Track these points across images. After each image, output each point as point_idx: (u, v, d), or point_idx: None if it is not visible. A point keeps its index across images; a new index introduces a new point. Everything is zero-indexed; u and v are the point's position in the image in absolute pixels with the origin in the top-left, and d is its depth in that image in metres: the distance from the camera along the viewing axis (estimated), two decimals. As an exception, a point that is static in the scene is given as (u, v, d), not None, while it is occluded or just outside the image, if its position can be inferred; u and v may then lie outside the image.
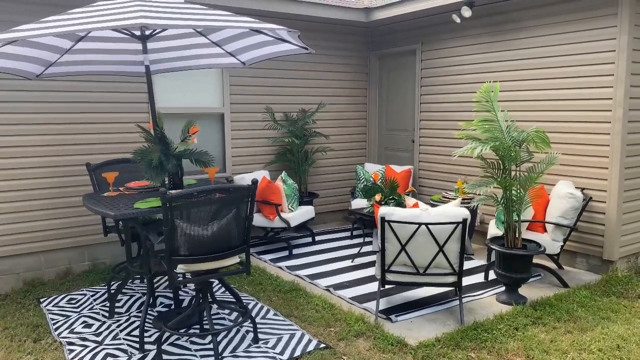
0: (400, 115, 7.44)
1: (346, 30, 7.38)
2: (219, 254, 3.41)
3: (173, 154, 3.95)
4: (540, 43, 5.48)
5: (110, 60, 4.69)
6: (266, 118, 6.77)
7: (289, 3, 6.22)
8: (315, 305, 4.38)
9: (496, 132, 4.30)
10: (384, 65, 7.61)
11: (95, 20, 3.06)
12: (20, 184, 5.09)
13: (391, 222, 3.84)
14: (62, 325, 4.12)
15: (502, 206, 4.41)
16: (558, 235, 4.85)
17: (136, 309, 4.46)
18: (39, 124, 5.14)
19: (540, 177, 4.31)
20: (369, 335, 3.82)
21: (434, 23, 6.67)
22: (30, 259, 5.21)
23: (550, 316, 4.11)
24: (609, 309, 4.25)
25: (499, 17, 5.86)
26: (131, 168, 5.03)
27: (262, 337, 3.83)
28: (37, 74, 4.46)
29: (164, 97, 5.99)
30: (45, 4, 5.04)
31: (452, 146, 6.58)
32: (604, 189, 5.06)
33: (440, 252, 3.88)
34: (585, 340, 3.70)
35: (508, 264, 4.33)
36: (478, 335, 3.78)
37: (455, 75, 6.47)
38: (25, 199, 5.12)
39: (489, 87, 4.37)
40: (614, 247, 5.03)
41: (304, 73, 7.05)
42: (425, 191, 7.03)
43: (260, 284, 4.95)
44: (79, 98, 5.34)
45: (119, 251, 5.73)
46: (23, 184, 5.10)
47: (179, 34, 4.50)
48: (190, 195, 3.17)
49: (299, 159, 6.83)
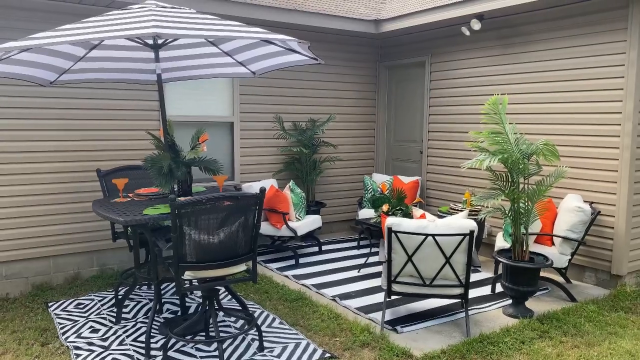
0: (408, 126, 7.46)
1: (356, 42, 7.43)
2: (226, 261, 3.43)
3: (183, 161, 4.00)
4: (550, 56, 5.49)
5: (123, 68, 4.76)
6: (275, 127, 6.81)
7: (300, 14, 6.29)
8: (321, 315, 4.38)
9: (505, 144, 4.30)
10: (393, 76, 7.65)
11: (109, 29, 3.12)
12: (31, 189, 5.15)
13: (398, 233, 3.85)
14: (69, 330, 4.15)
15: (510, 219, 4.40)
16: (566, 249, 4.83)
17: (143, 315, 4.49)
18: (50, 130, 5.21)
19: (548, 190, 4.30)
20: (375, 346, 3.81)
21: (444, 35, 6.70)
22: (39, 264, 5.26)
23: (557, 330, 4.08)
24: (616, 324, 4.21)
25: (509, 30, 5.89)
26: (141, 175, 5.08)
27: (267, 346, 3.84)
28: (51, 81, 4.53)
29: (175, 105, 6.05)
30: (61, 12, 5.13)
31: (460, 158, 6.58)
32: (612, 203, 5.04)
33: (447, 264, 3.88)
34: (592, 355, 3.67)
35: (515, 277, 4.31)
36: (484, 347, 3.76)
37: (464, 88, 6.48)
38: (35, 204, 5.18)
39: (497, 100, 4.38)
40: (622, 262, 4.99)
41: (314, 83, 7.10)
42: (433, 202, 7.03)
43: (267, 293, 4.96)
44: (91, 105, 5.41)
45: (127, 257, 5.77)
46: (34, 189, 5.16)
47: (190, 43, 4.56)
48: (198, 202, 3.20)
49: (307, 168, 6.86)
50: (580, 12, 5.20)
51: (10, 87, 4.97)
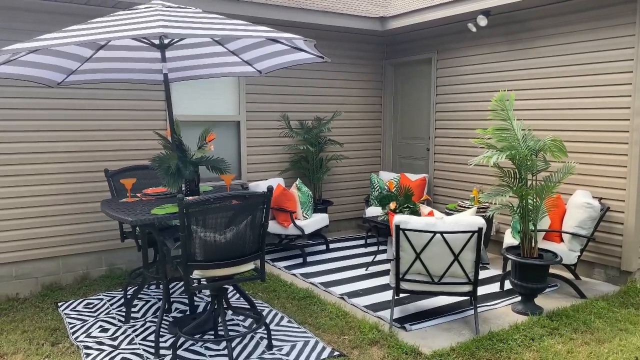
0: (415, 123, 7.44)
1: (362, 39, 7.41)
2: (234, 260, 3.43)
3: (190, 160, 4.01)
4: (557, 52, 5.45)
5: (130, 69, 4.78)
6: (281, 126, 6.81)
7: (306, 12, 6.28)
8: (330, 313, 4.38)
9: (512, 140, 4.28)
10: (399, 73, 7.63)
11: (116, 30, 3.12)
12: (39, 190, 5.18)
13: (406, 231, 3.84)
14: (79, 329, 4.17)
15: (518, 215, 4.38)
16: (575, 245, 4.80)
17: (152, 314, 4.51)
18: (59, 131, 5.24)
19: (557, 187, 4.27)
20: (383, 344, 3.81)
21: (450, 32, 6.68)
22: (48, 264, 5.29)
23: (567, 327, 4.06)
24: (627, 321, 4.18)
25: (515, 26, 5.85)
26: (148, 174, 5.09)
27: (276, 344, 3.84)
28: (59, 82, 4.55)
29: (182, 104, 6.07)
30: (68, 13, 5.15)
31: (467, 155, 6.55)
32: (622, 198, 5.00)
33: (455, 261, 3.87)
34: (602, 352, 3.65)
35: (524, 274, 4.29)
36: (493, 345, 3.75)
37: (470, 84, 6.46)
38: (44, 205, 5.21)
39: (503, 96, 4.36)
40: (632, 258, 4.96)
41: (320, 81, 7.10)
42: (441, 200, 7.01)
43: (275, 291, 4.97)
44: (98, 105, 5.44)
45: (135, 257, 5.80)
46: (42, 189, 5.19)
47: (196, 42, 4.56)
48: (206, 201, 3.20)
49: (313, 167, 6.86)
50: (587, 7, 5.16)
51: (20, 88, 5.00)
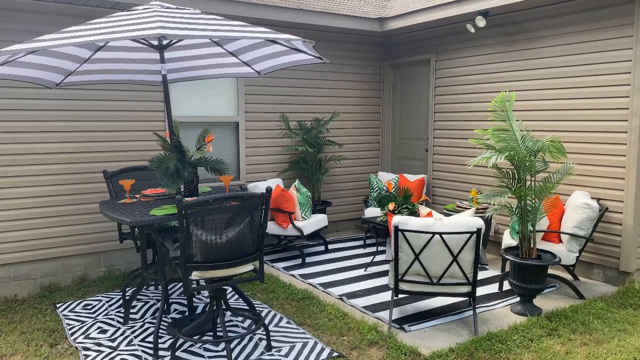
0: (414, 124, 7.44)
1: (360, 40, 7.42)
2: (233, 261, 3.43)
3: (189, 161, 4.00)
4: (556, 53, 5.46)
5: (128, 69, 4.77)
6: (280, 127, 6.81)
7: (304, 13, 6.28)
8: (328, 314, 4.38)
9: (511, 141, 4.29)
10: (398, 74, 7.63)
11: (115, 30, 3.12)
12: (39, 191, 5.17)
13: (405, 231, 3.84)
14: (77, 331, 4.16)
15: (517, 216, 4.38)
16: (574, 246, 4.81)
17: (151, 315, 4.50)
18: (57, 132, 5.23)
19: (555, 187, 4.28)
20: (382, 345, 3.81)
21: (448, 33, 6.68)
22: (47, 265, 5.29)
23: (566, 328, 4.06)
24: (625, 321, 4.19)
25: (514, 27, 5.86)
26: (147, 175, 5.09)
27: (275, 345, 3.84)
28: (57, 83, 4.54)
29: (180, 105, 6.06)
30: (66, 14, 5.15)
31: (466, 155, 6.56)
32: (620, 199, 5.01)
33: (454, 262, 3.87)
34: (601, 352, 3.65)
35: (523, 275, 4.29)
36: (492, 346, 3.75)
37: (469, 85, 6.46)
38: (43, 206, 5.21)
39: (504, 97, 4.37)
40: (630, 259, 4.96)
41: (318, 82, 7.10)
42: (439, 200, 7.01)
43: (274, 292, 4.97)
44: (96, 106, 5.43)
45: (134, 258, 5.79)
46: (40, 190, 5.19)
47: (195, 43, 4.56)
48: (205, 202, 3.20)
49: (312, 168, 6.86)
50: (585, 8, 5.17)
51: (17, 89, 4.99)
